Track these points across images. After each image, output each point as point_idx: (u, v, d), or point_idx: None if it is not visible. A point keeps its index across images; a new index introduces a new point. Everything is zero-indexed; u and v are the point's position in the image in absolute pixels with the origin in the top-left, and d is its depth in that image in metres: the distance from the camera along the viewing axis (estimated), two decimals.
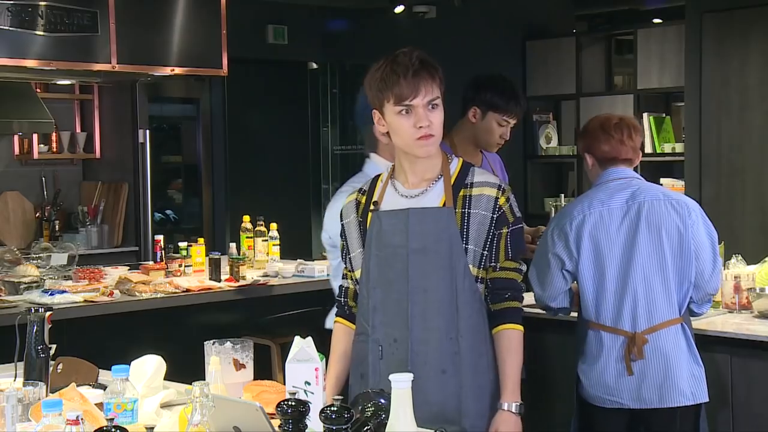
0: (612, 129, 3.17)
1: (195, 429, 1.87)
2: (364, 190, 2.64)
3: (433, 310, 2.49)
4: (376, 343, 2.53)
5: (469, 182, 2.56)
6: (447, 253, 2.50)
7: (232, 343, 2.58)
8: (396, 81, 2.46)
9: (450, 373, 2.49)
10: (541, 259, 3.15)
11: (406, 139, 2.49)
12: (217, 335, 2.65)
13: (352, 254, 2.63)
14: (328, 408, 1.82)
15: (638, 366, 3.02)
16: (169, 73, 5.17)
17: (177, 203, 7.47)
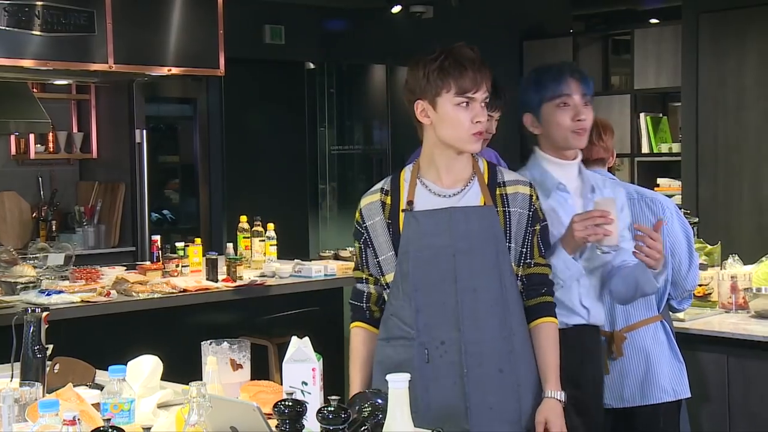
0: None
1: (192, 429, 1.87)
2: (386, 190, 2.56)
3: (484, 310, 2.47)
4: (422, 346, 2.47)
5: (501, 181, 2.56)
6: (493, 252, 2.49)
7: (229, 344, 2.58)
8: (462, 71, 2.45)
9: (507, 372, 2.47)
10: None
11: (461, 132, 2.46)
12: (214, 335, 2.64)
13: (381, 257, 2.54)
14: (325, 408, 1.82)
15: (619, 365, 3.04)
16: (166, 73, 5.17)
17: (174, 203, 7.46)
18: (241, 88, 7.25)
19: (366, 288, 2.60)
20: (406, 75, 2.59)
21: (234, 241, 5.10)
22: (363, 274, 2.60)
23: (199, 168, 7.24)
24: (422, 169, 2.55)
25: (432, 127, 2.50)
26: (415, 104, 2.51)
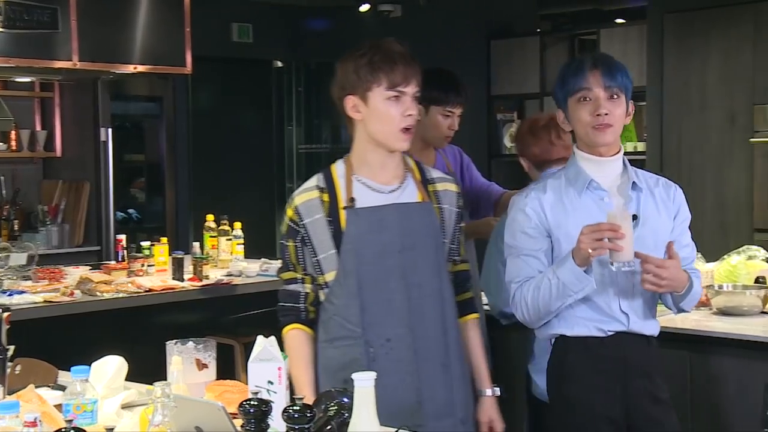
0: (540, 131, 3.26)
1: (156, 429, 1.86)
2: (322, 188, 2.52)
3: (428, 305, 2.50)
4: (367, 345, 2.46)
5: (430, 178, 2.60)
6: (433, 248, 2.52)
7: (194, 343, 2.56)
8: (393, 66, 2.45)
9: (447, 366, 2.51)
10: (491, 268, 3.23)
11: (392, 127, 2.46)
12: (180, 335, 2.62)
13: (321, 256, 2.51)
14: (291, 407, 1.81)
15: None
16: (132, 71, 5.13)
17: (140, 202, 7.40)
18: (208, 86, 7.22)
19: (302, 288, 2.55)
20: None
21: (200, 240, 5.07)
22: (297, 274, 2.55)
23: (166, 167, 7.19)
24: (355, 166, 2.54)
25: (363, 123, 2.50)
26: (345, 100, 2.50)
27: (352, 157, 2.56)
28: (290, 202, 2.56)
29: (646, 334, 2.58)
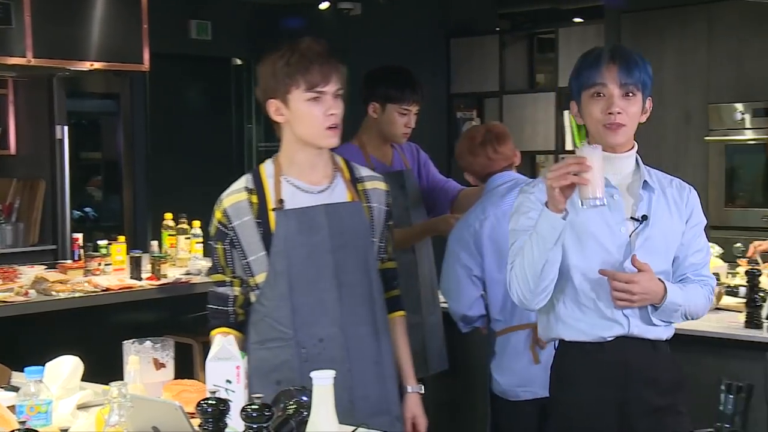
0: (477, 149, 3.30)
1: (112, 430, 1.83)
2: (251, 189, 2.51)
3: (359, 304, 2.51)
4: (299, 346, 2.47)
5: (360, 177, 2.60)
6: (363, 247, 2.53)
7: (152, 342, 2.54)
8: (308, 67, 2.43)
9: (379, 364, 2.53)
10: (449, 272, 3.25)
11: (315, 127, 2.45)
12: (138, 334, 2.60)
13: (250, 258, 2.49)
14: (249, 406, 1.80)
15: (547, 354, 3.10)
16: (88, 68, 5.08)
17: (96, 201, 7.33)
18: (166, 83, 7.15)
19: (231, 291, 2.54)
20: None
21: (159, 238, 5.03)
22: (226, 276, 2.54)
23: (123, 165, 7.12)
24: (284, 167, 2.53)
25: (288, 125, 2.49)
26: (268, 104, 2.49)
27: (280, 157, 2.55)
28: (219, 203, 2.54)
29: (650, 338, 2.44)
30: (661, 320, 2.43)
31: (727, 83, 6.02)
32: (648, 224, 2.41)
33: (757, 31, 5.83)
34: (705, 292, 2.47)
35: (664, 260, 2.43)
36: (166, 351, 2.55)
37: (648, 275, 2.35)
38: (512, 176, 3.30)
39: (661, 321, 2.42)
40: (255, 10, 7.23)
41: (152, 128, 7.24)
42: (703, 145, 6.07)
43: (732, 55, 5.98)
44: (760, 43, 5.85)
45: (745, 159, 6.04)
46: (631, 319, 2.42)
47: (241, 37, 7.35)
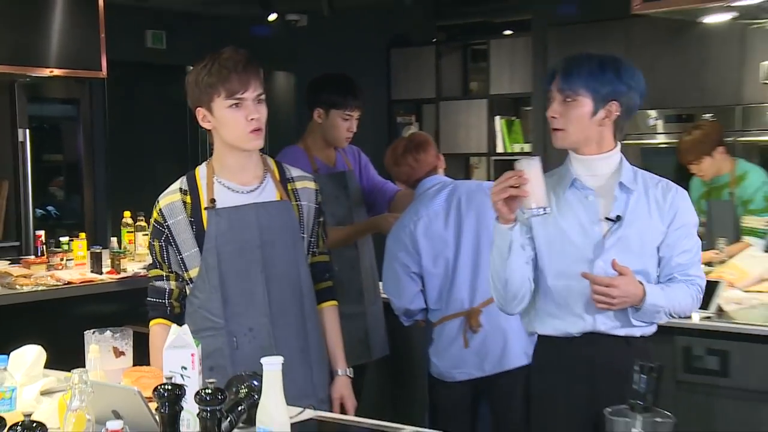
0: (400, 159, 3.34)
1: (74, 414, 1.82)
2: (185, 190, 2.52)
3: (287, 295, 2.53)
4: (230, 335, 2.48)
5: (290, 177, 2.61)
6: (291, 243, 2.54)
7: (111, 332, 2.52)
8: (227, 76, 2.43)
9: (305, 350, 2.55)
10: (390, 272, 3.27)
11: (238, 132, 2.46)
12: (99, 325, 2.57)
13: (185, 254, 2.50)
14: (204, 390, 1.80)
15: (480, 338, 3.15)
16: (48, 74, 5.01)
17: (59, 200, 7.22)
18: (124, 89, 7.08)
19: (167, 285, 2.55)
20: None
21: (118, 235, 4.97)
22: (163, 271, 2.55)
23: (83, 166, 7.03)
24: (216, 169, 2.54)
25: (215, 131, 2.50)
26: (196, 111, 2.50)
27: (213, 160, 2.56)
28: (156, 204, 2.56)
29: (621, 335, 2.35)
30: (642, 321, 2.35)
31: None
32: (622, 224, 2.33)
33: (668, 45, 5.95)
34: (692, 292, 2.38)
35: (640, 260, 2.34)
36: (125, 340, 2.53)
37: (627, 279, 2.28)
38: (439, 179, 3.34)
39: (642, 322, 2.35)
40: (207, 21, 7.18)
41: (111, 131, 7.16)
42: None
43: (646, 67, 6.05)
44: (671, 56, 5.98)
45: (658, 161, 6.16)
46: (597, 317, 2.35)
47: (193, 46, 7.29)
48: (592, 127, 2.35)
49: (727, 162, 4.42)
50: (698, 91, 5.88)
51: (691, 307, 2.40)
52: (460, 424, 3.23)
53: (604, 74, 2.33)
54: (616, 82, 2.33)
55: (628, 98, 2.35)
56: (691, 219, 2.40)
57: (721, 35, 5.62)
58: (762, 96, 5.63)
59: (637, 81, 2.37)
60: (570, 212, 2.38)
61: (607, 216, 2.35)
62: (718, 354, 3.22)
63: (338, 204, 3.61)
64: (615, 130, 2.39)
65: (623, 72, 2.35)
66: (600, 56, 2.38)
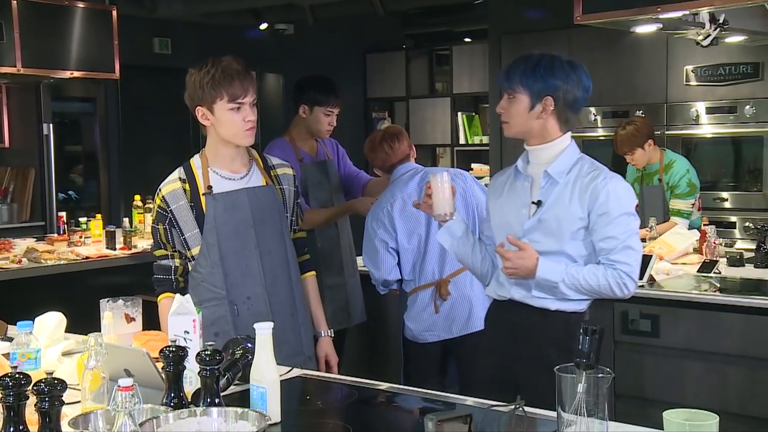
0: (377, 146, 3.30)
1: (90, 372, 1.78)
2: (184, 179, 2.48)
3: (278, 267, 2.51)
4: (231, 303, 2.45)
5: (272, 165, 2.59)
6: (278, 222, 2.53)
7: (123, 301, 2.49)
8: (231, 82, 2.39)
9: (295, 314, 2.54)
10: (369, 247, 3.23)
11: (236, 131, 2.43)
12: (112, 294, 2.53)
13: (187, 234, 2.46)
14: (203, 352, 1.77)
15: (448, 305, 3.14)
16: (69, 76, 4.94)
17: (78, 185, 7.13)
18: (135, 89, 6.97)
19: (172, 263, 2.50)
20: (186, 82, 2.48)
21: (129, 216, 4.91)
22: (168, 251, 2.50)
23: (100, 156, 6.95)
24: (210, 160, 2.50)
25: (213, 128, 2.46)
26: (196, 109, 2.46)
27: (206, 152, 2.53)
28: (158, 192, 2.51)
29: (536, 306, 2.28)
30: (544, 294, 2.27)
31: None
32: (542, 208, 2.27)
33: (605, 51, 5.94)
34: (609, 275, 2.22)
35: (557, 241, 2.25)
36: (135, 308, 2.50)
37: (520, 253, 2.22)
38: (412, 166, 3.31)
39: (545, 294, 2.26)
40: (207, 29, 7.09)
41: (124, 126, 7.07)
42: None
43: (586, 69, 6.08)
44: (608, 60, 5.97)
45: (597, 151, 6.14)
46: (513, 287, 2.32)
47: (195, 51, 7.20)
48: (531, 120, 2.29)
49: (656, 152, 4.42)
50: (630, 90, 5.88)
51: (609, 289, 2.23)
52: (430, 380, 3.21)
53: (536, 72, 2.26)
54: (549, 78, 2.26)
55: (564, 92, 2.26)
56: (616, 207, 2.22)
57: (650, 43, 5.62)
58: (684, 95, 5.65)
59: (573, 77, 2.29)
60: (512, 196, 2.35)
61: (533, 200, 2.30)
62: (649, 318, 3.22)
63: (321, 189, 3.58)
64: (559, 121, 2.30)
65: (557, 69, 2.27)
66: (538, 56, 2.30)
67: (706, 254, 3.78)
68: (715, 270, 3.53)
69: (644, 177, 4.49)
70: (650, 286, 3.31)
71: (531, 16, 6.26)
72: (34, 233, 5.45)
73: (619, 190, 2.24)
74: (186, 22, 6.98)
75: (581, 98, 2.32)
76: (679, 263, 3.74)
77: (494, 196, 2.43)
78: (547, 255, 2.25)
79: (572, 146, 2.34)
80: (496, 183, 2.45)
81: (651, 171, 4.45)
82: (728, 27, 3.50)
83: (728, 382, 3.09)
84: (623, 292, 2.25)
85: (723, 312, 3.10)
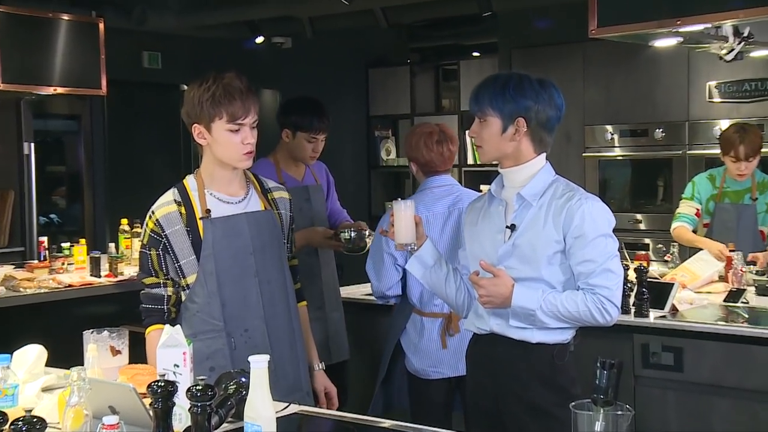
0: (434, 145, 3.20)
1: (72, 409, 1.78)
2: (179, 201, 2.45)
3: (277, 297, 2.50)
4: (228, 336, 2.43)
5: (268, 188, 2.60)
6: (278, 249, 2.53)
7: (109, 332, 2.48)
8: (231, 101, 2.38)
9: (293, 348, 2.54)
10: (377, 255, 3.18)
11: (233, 153, 2.42)
12: (97, 325, 2.52)
13: (182, 261, 2.44)
14: (194, 387, 1.76)
15: (456, 339, 3.11)
16: (52, 92, 4.97)
17: (61, 208, 7.13)
18: (122, 107, 7.00)
19: (164, 291, 2.47)
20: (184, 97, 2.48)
21: (116, 241, 4.91)
22: (160, 278, 2.47)
23: (84, 177, 6.95)
24: (206, 182, 2.49)
25: (209, 147, 2.45)
26: (192, 127, 2.45)
27: (202, 172, 2.51)
28: (151, 215, 2.48)
29: (516, 339, 2.28)
30: (522, 323, 2.26)
31: (599, 109, 6.15)
32: (516, 232, 2.29)
33: (621, 66, 5.97)
34: (589, 300, 2.22)
35: (532, 267, 2.25)
36: (121, 339, 2.48)
37: (494, 280, 2.23)
38: (450, 181, 3.22)
39: (523, 324, 2.25)
40: (200, 42, 7.13)
41: (110, 145, 7.09)
42: (580, 160, 6.19)
43: (602, 86, 6.12)
44: (624, 76, 6.00)
45: (615, 172, 6.18)
46: (492, 319, 2.32)
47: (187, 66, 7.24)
48: (504, 143, 2.31)
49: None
50: (650, 107, 5.91)
51: (589, 315, 2.22)
52: (436, 417, 3.19)
53: (505, 93, 2.29)
54: (520, 98, 2.29)
55: (536, 112, 2.29)
56: (590, 230, 2.22)
57: (670, 58, 5.65)
58: (707, 113, 5.66)
59: (544, 95, 2.31)
60: (487, 222, 2.38)
61: (507, 225, 2.32)
62: (672, 350, 3.21)
63: (301, 216, 3.54)
64: (533, 142, 2.32)
65: (526, 88, 2.30)
66: (506, 76, 2.34)
67: (733, 282, 3.77)
68: (743, 299, 3.52)
69: (727, 194, 4.24)
70: (672, 316, 3.30)
71: (543, 29, 6.30)
72: (12, 259, 5.44)
73: (594, 212, 2.25)
74: (177, 35, 7.02)
75: (554, 117, 2.34)
76: (704, 292, 3.73)
77: (470, 223, 2.45)
78: (524, 282, 2.25)
79: (546, 167, 2.36)
80: (473, 209, 2.48)
81: (739, 189, 4.23)
82: (753, 41, 3.52)
83: (759, 419, 3.07)
84: (605, 318, 2.24)
85: (752, 345, 3.08)
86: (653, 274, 3.79)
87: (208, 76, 2.43)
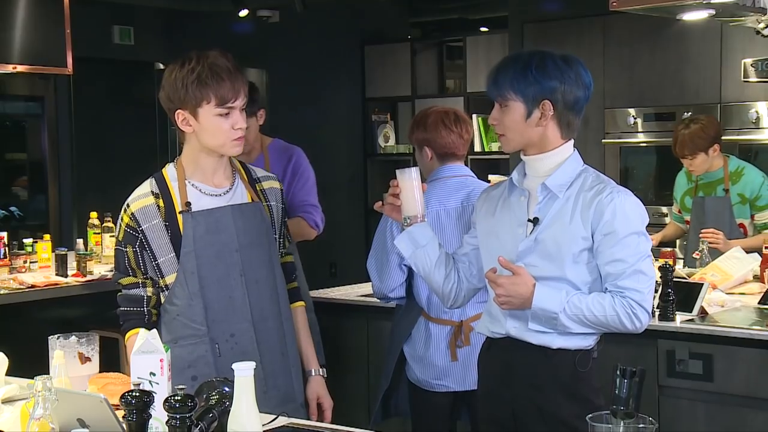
0: (452, 124, 3.16)
1: (37, 423, 1.79)
2: (156, 193, 2.46)
3: (266, 299, 2.51)
4: (212, 342, 2.44)
5: (257, 177, 2.59)
6: (267, 245, 2.53)
7: (77, 337, 2.48)
8: (220, 82, 2.37)
9: (285, 354, 2.55)
10: (380, 253, 3.15)
11: (222, 139, 2.42)
12: (64, 330, 2.53)
13: (161, 260, 2.44)
14: (172, 397, 1.77)
15: (464, 352, 3.10)
16: (12, 70, 4.96)
17: (22, 200, 7.15)
18: (91, 87, 7.01)
19: (144, 292, 2.48)
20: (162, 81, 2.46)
21: (84, 236, 4.92)
22: (138, 278, 2.48)
23: (48, 165, 6.96)
24: (188, 171, 2.48)
25: (195, 135, 2.44)
26: (175, 113, 2.43)
27: (183, 161, 2.51)
28: (126, 208, 2.49)
29: (534, 344, 2.28)
30: (542, 327, 2.26)
31: (621, 90, 6.16)
32: (539, 227, 2.28)
33: (646, 42, 5.98)
34: (618, 304, 2.22)
35: (557, 265, 2.25)
36: (91, 345, 2.49)
37: (513, 278, 2.23)
38: (465, 171, 3.19)
39: (543, 328, 2.26)
40: (177, 16, 7.13)
41: (77, 130, 7.10)
42: (600, 146, 6.19)
43: (624, 64, 6.12)
44: (649, 53, 6.00)
45: (637, 160, 6.19)
46: (509, 321, 2.32)
47: (163, 42, 7.24)
48: (529, 130, 2.30)
49: (719, 159, 4.39)
50: (678, 88, 5.91)
51: (617, 321, 2.23)
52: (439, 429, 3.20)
53: (528, 74, 2.27)
54: (544, 79, 2.26)
55: (563, 93, 2.27)
56: (623, 227, 2.22)
57: (701, 33, 5.65)
58: (742, 94, 5.67)
59: (570, 74, 2.29)
60: (506, 213, 2.36)
61: (529, 218, 2.31)
62: (701, 358, 3.22)
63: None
64: (560, 127, 2.31)
65: (550, 68, 2.27)
66: (527, 55, 2.32)
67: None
68: None
69: (701, 187, 4.48)
70: (701, 320, 3.32)
71: (558, 2, 6.31)
72: None
73: (627, 207, 2.25)
74: (151, 7, 7.02)
75: (583, 97, 2.33)
76: (737, 293, 3.75)
77: (486, 213, 2.43)
78: (546, 281, 2.25)
79: (574, 156, 2.35)
80: (489, 198, 2.45)
81: (711, 180, 4.43)
82: None
83: None
84: (634, 324, 2.24)
85: None
86: (680, 274, 3.81)
87: (190, 55, 2.42)
